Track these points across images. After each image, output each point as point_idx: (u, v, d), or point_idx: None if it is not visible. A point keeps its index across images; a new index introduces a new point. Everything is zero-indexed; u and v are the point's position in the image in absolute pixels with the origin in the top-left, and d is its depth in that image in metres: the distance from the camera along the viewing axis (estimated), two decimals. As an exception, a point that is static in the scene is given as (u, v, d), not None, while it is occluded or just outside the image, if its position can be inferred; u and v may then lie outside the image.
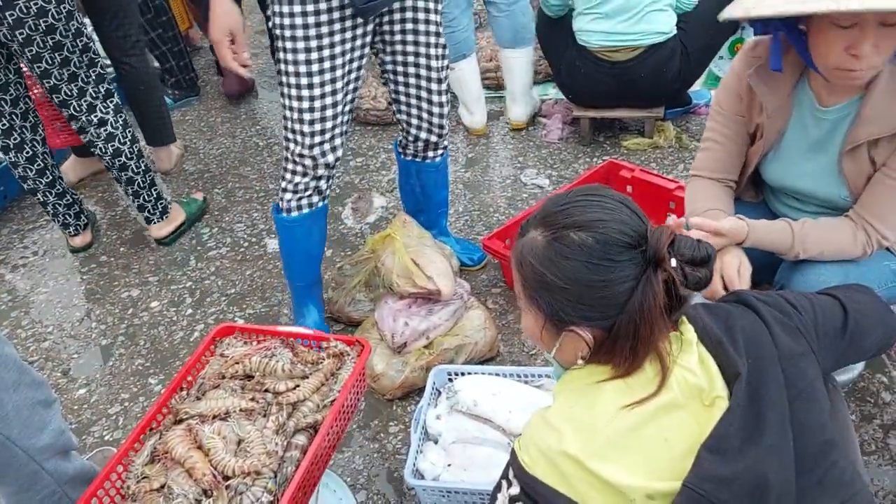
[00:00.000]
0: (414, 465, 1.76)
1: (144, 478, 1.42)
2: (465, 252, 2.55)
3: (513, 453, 1.08)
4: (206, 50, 4.61)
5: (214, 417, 1.46)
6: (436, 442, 1.84)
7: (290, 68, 1.90)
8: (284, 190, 2.08)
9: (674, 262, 1.03)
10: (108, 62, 3.19)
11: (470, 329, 2.17)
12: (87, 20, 3.08)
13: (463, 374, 1.98)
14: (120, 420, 2.20)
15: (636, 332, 1.02)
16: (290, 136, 2.00)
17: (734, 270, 1.56)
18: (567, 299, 1.05)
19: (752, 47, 1.65)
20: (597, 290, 1.03)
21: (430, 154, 2.31)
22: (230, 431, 1.43)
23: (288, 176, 2.06)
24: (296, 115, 1.95)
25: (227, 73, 4.02)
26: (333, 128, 2.00)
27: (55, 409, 1.40)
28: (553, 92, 3.72)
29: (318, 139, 1.98)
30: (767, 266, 1.72)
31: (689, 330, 1.08)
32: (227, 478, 1.36)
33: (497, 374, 1.95)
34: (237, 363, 1.58)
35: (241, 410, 1.47)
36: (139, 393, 2.29)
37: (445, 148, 2.33)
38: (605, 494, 0.97)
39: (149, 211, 2.90)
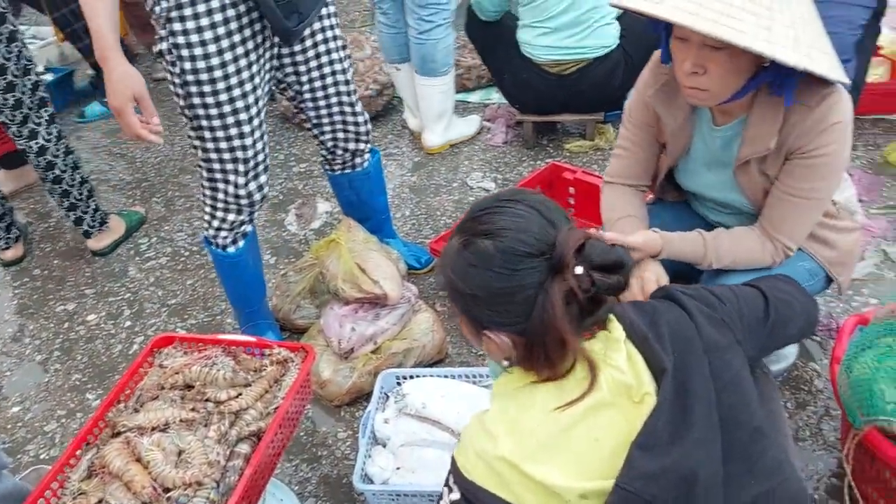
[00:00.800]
0: (363, 470, 1.74)
1: (81, 493, 1.37)
2: (412, 255, 2.55)
3: (453, 460, 1.08)
4: (144, 57, 4.50)
5: (153, 429, 1.43)
6: (384, 446, 1.83)
7: (213, 111, 1.81)
8: (219, 229, 2.02)
9: (580, 270, 1.03)
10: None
11: (418, 332, 2.16)
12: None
13: (411, 377, 1.97)
14: (56, 437, 2.13)
15: (544, 339, 1.03)
16: (220, 177, 1.92)
17: (653, 286, 1.61)
18: (477, 305, 1.07)
19: (659, 61, 1.66)
20: (502, 298, 1.04)
21: (359, 161, 2.29)
22: (170, 443, 1.39)
23: (220, 215, 2.00)
24: (227, 157, 1.88)
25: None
26: (264, 159, 1.97)
27: None
28: (496, 96, 3.74)
29: (251, 176, 1.94)
30: (687, 273, 1.78)
31: (616, 328, 1.08)
32: (167, 490, 1.32)
33: (445, 376, 1.95)
34: (176, 373, 1.54)
35: (181, 421, 1.43)
36: (76, 409, 2.21)
37: (371, 151, 2.31)
38: (541, 496, 0.99)
39: (87, 224, 2.81)
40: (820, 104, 1.45)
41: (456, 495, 1.06)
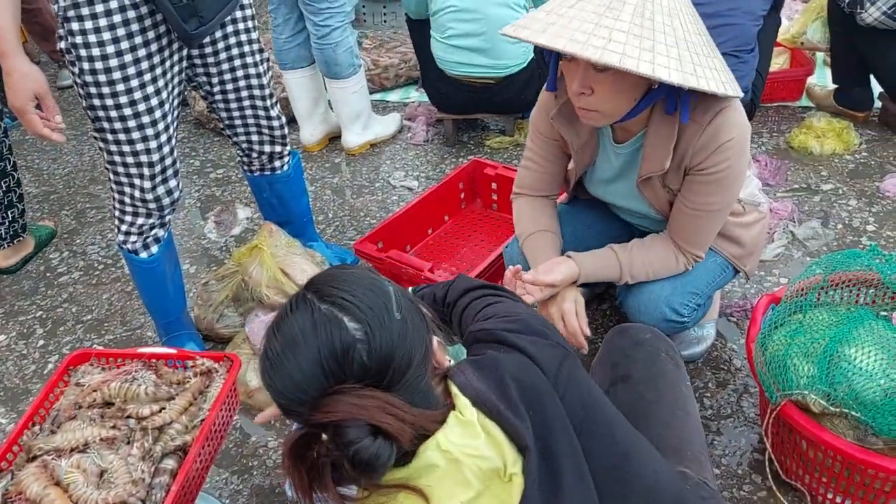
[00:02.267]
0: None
1: (-5, 525, 1.30)
2: (337, 257, 2.52)
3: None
4: (46, 65, 4.31)
5: (72, 450, 1.36)
6: (317, 452, 1.80)
7: (113, 113, 1.75)
8: (128, 233, 1.96)
9: (326, 437, 0.91)
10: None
11: (346, 335, 2.13)
12: None
13: (341, 380, 1.95)
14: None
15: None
16: (125, 180, 1.86)
17: (574, 318, 1.66)
18: None
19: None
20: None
21: (277, 164, 2.25)
22: (90, 463, 1.33)
23: (128, 219, 1.94)
24: (130, 160, 1.82)
25: None
26: (173, 163, 1.91)
27: None
28: (415, 95, 3.75)
29: (158, 180, 1.88)
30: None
31: (465, 406, 0.97)
32: (90, 513, 1.27)
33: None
34: (94, 391, 1.48)
35: (101, 440, 1.37)
36: (-12, 435, 2.10)
37: (290, 155, 2.28)
38: None
39: None
40: (711, 121, 1.49)
41: None
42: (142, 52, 1.72)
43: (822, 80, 3.38)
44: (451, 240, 2.63)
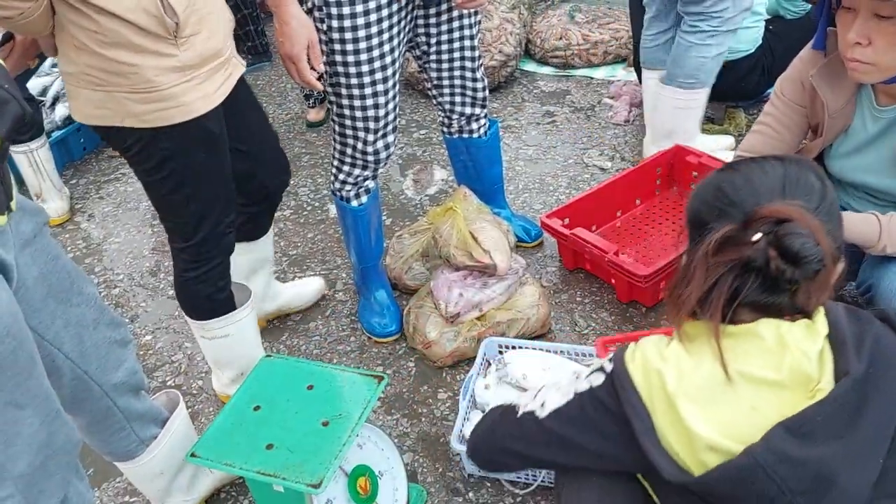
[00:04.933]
0: (461, 431, 1.80)
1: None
2: (522, 228, 2.57)
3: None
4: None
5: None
6: (482, 411, 1.88)
7: (352, 69, 1.88)
8: (344, 182, 2.13)
9: (758, 236, 1.00)
10: None
11: (523, 305, 2.19)
12: None
13: (514, 347, 2.01)
14: (183, 366, 2.31)
15: (685, 275, 1.05)
16: (350, 133, 2.02)
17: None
18: (687, 224, 1.14)
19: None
20: (692, 223, 1.11)
21: (475, 126, 2.33)
22: None
23: (346, 169, 2.10)
24: (358, 114, 1.97)
25: None
26: (394, 119, 2.05)
27: (130, 349, 1.49)
28: (622, 73, 3.68)
29: (380, 134, 2.03)
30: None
31: (821, 322, 1.04)
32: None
33: (547, 350, 1.98)
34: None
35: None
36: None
37: (487, 118, 2.34)
38: (673, 425, 1.02)
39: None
40: None
41: (609, 366, 1.12)
42: (385, 12, 1.84)
43: None
44: (640, 225, 2.60)
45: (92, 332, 1.35)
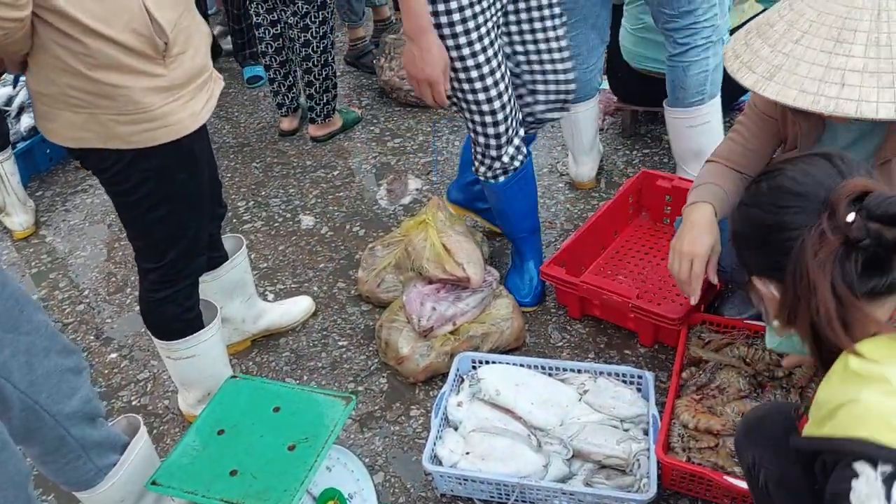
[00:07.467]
0: (433, 450, 1.76)
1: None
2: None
3: (862, 441, 0.93)
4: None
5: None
6: (456, 429, 1.85)
7: (462, 75, 1.90)
8: (517, 151, 2.11)
9: (851, 216, 0.95)
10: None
11: (497, 318, 2.16)
12: None
13: (487, 362, 1.98)
14: (149, 385, 2.25)
15: (796, 288, 0.99)
16: (498, 105, 1.98)
17: (701, 265, 1.65)
18: (742, 244, 1.11)
19: None
20: (762, 237, 1.06)
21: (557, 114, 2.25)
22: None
23: (507, 136, 2.06)
24: (492, 91, 1.95)
25: None
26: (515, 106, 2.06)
27: (84, 376, 1.43)
28: (596, 81, 3.66)
29: (504, 140, 2.04)
30: None
31: None
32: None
33: (521, 365, 1.95)
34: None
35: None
36: (169, 361, 2.33)
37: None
38: None
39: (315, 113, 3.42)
40: None
41: (888, 468, 0.92)
42: (485, 3, 1.84)
43: None
44: (620, 257, 2.46)
45: (43, 360, 1.30)
